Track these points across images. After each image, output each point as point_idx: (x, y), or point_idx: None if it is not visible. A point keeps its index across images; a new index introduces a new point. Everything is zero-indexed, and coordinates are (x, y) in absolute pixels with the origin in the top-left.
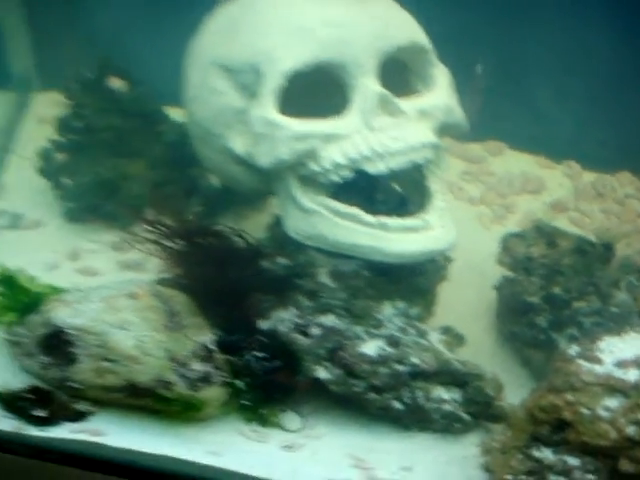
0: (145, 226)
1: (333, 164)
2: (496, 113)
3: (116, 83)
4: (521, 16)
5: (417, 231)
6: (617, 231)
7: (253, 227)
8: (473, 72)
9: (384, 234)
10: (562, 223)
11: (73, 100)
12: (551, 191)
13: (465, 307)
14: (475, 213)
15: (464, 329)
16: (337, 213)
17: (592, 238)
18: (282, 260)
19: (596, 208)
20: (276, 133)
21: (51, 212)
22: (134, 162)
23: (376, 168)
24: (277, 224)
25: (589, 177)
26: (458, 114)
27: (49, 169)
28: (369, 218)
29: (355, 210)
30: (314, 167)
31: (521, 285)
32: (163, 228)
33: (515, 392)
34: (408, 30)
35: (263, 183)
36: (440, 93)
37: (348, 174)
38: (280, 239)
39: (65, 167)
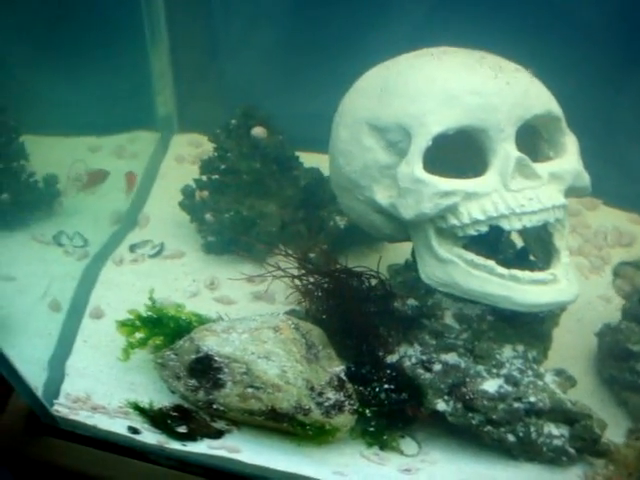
0: (281, 261)
1: (472, 220)
2: (592, 171)
3: (257, 131)
4: (612, 79)
5: (546, 284)
6: None
7: (373, 265)
8: None
9: (515, 285)
10: None
11: (218, 144)
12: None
13: (567, 351)
14: (574, 263)
15: (568, 371)
16: (472, 264)
17: None
18: (412, 302)
19: None
20: (422, 189)
21: (191, 244)
22: (269, 202)
23: (511, 225)
24: (408, 268)
25: None
26: (585, 178)
27: (191, 205)
28: (502, 270)
29: (489, 262)
30: (454, 221)
31: (624, 333)
32: (301, 263)
33: (612, 430)
34: (544, 100)
35: (400, 231)
36: (570, 159)
37: (484, 229)
38: (410, 282)
39: (207, 204)
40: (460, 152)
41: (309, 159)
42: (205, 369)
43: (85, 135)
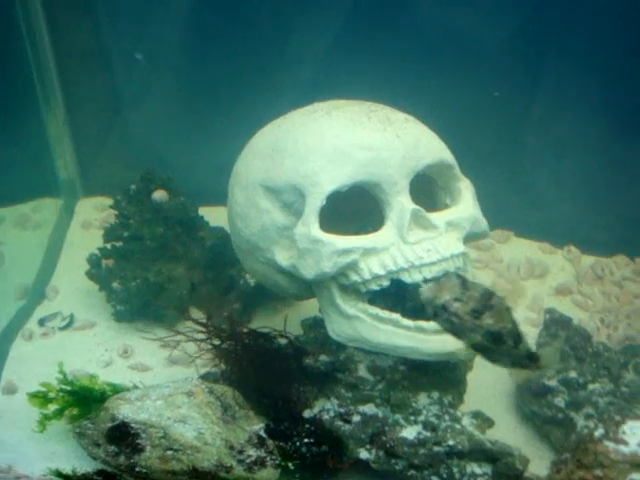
0: (191, 325)
1: (373, 275)
2: (501, 203)
3: (158, 194)
4: (522, 110)
5: None
6: (618, 312)
7: (285, 319)
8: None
9: (422, 336)
10: (567, 306)
11: (119, 211)
12: (555, 275)
13: (487, 391)
14: None
15: (488, 410)
16: (377, 318)
17: (596, 321)
18: (323, 357)
19: (597, 290)
20: (320, 249)
21: (101, 313)
22: (177, 265)
23: (412, 278)
24: (317, 324)
25: (588, 260)
26: (482, 223)
27: (98, 274)
28: (407, 322)
29: (394, 315)
30: (355, 278)
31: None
32: (211, 328)
33: (537, 464)
34: (435, 149)
35: (305, 290)
36: (466, 205)
37: (386, 283)
38: (321, 338)
39: (113, 272)
40: (361, 204)
41: (217, 214)
42: (123, 436)
43: None
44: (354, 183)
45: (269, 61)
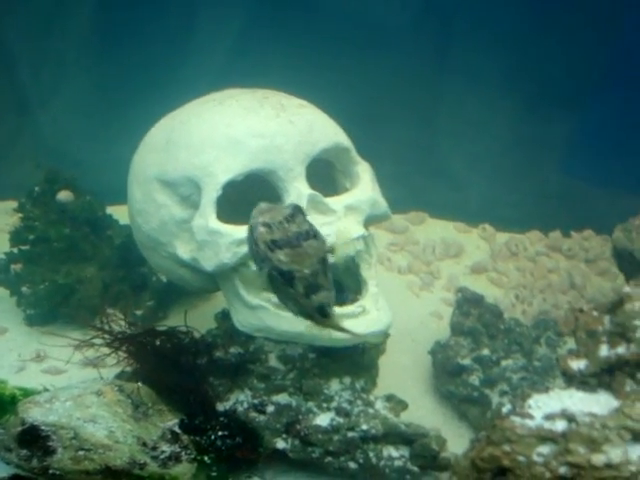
0: (102, 326)
1: None
2: (416, 185)
3: (63, 195)
4: (432, 91)
5: (356, 317)
6: (532, 287)
7: (202, 315)
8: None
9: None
10: (483, 284)
11: (24, 214)
12: (470, 254)
13: (404, 373)
14: (405, 282)
15: (406, 393)
16: (280, 306)
17: (511, 298)
18: (234, 349)
19: (512, 267)
20: (218, 240)
21: (13, 318)
22: (87, 266)
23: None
24: (226, 317)
25: (503, 238)
26: (382, 205)
27: (7, 279)
28: None
29: None
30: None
31: (453, 349)
32: (118, 329)
33: (456, 442)
34: (330, 132)
35: (210, 283)
36: (365, 188)
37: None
38: (230, 330)
39: (22, 277)
40: (261, 192)
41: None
42: (34, 439)
43: None
44: (249, 171)
45: (172, 57)
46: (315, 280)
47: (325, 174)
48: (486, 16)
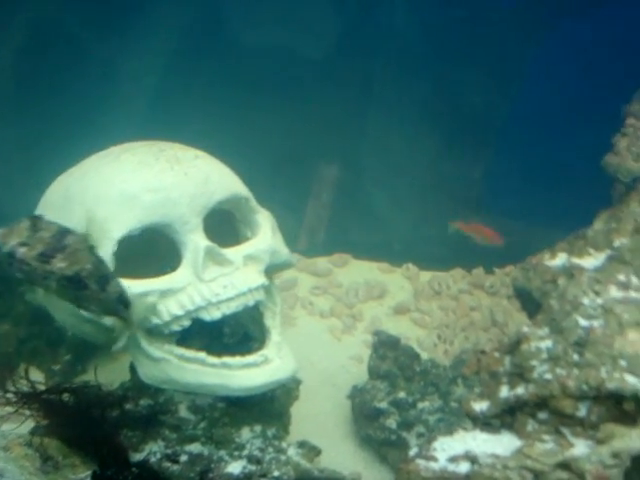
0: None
1: (172, 316)
2: (339, 226)
3: None
4: (352, 131)
5: (258, 366)
6: (455, 326)
7: (122, 367)
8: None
9: (228, 372)
10: (406, 324)
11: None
12: (393, 294)
13: (324, 418)
14: (327, 326)
15: (327, 438)
16: (184, 358)
17: (434, 338)
18: (144, 401)
19: (435, 306)
20: None
21: None
22: (4, 323)
23: (211, 315)
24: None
25: (426, 276)
26: (283, 253)
27: None
28: (213, 359)
29: (200, 354)
30: (156, 320)
31: (370, 393)
32: (25, 388)
33: None
34: (227, 183)
35: (114, 337)
36: (264, 237)
37: (187, 323)
38: (139, 382)
39: None
40: (161, 244)
41: None
42: None
43: None
44: (144, 226)
45: (89, 107)
46: (100, 271)
47: (226, 224)
48: (406, 53)
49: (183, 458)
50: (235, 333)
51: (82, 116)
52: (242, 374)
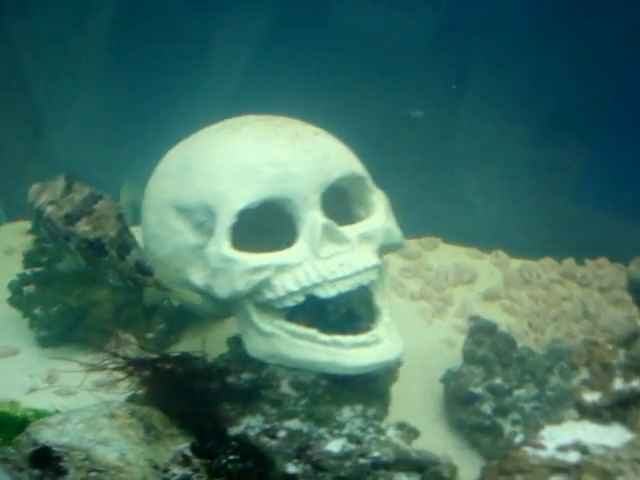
0: (115, 351)
1: (287, 291)
2: (429, 210)
3: None
4: (446, 115)
5: (368, 346)
6: (545, 315)
7: (215, 339)
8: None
9: (339, 350)
10: (495, 311)
11: (36, 235)
12: (483, 280)
13: (414, 400)
14: (417, 308)
15: (416, 420)
16: (294, 334)
17: (524, 326)
18: (246, 375)
19: (525, 294)
20: (232, 268)
21: (25, 339)
22: (100, 288)
23: (326, 293)
24: (238, 342)
25: (516, 264)
26: (396, 234)
27: (20, 300)
28: (324, 337)
29: (311, 331)
30: (269, 295)
31: (465, 377)
32: (131, 354)
33: (467, 471)
34: (345, 161)
35: (222, 309)
36: (379, 217)
37: (301, 299)
38: (242, 355)
39: (34, 298)
40: (275, 219)
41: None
42: (45, 460)
43: None
44: (264, 200)
45: (186, 81)
46: (123, 240)
47: (340, 203)
48: (503, 38)
49: (281, 434)
50: (337, 311)
51: (177, 89)
52: (353, 353)
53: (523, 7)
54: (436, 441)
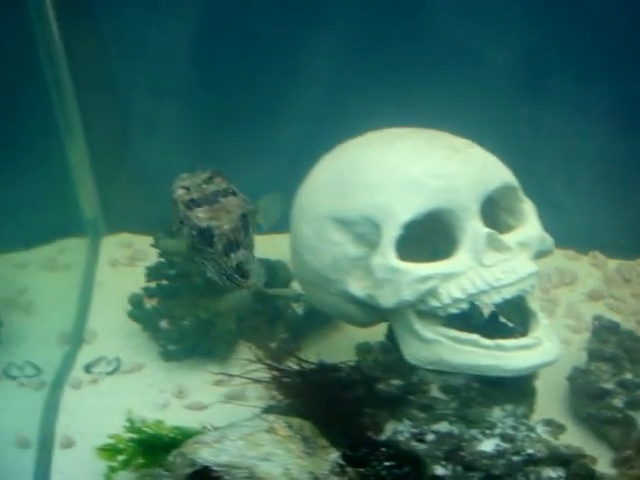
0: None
1: (452, 299)
2: None
3: None
4: (519, 115)
5: (531, 348)
6: None
7: (333, 345)
8: None
9: (502, 354)
10: (601, 310)
11: (161, 249)
12: (583, 281)
13: (540, 397)
14: None
15: (543, 415)
16: (457, 340)
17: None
18: (396, 382)
19: (627, 293)
20: (400, 278)
21: (148, 353)
22: (223, 300)
23: (492, 299)
24: (385, 350)
25: (613, 264)
26: (549, 241)
27: (141, 314)
28: (487, 342)
29: (474, 336)
30: (434, 303)
31: (595, 374)
32: (271, 363)
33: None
34: (501, 172)
35: (375, 317)
36: (533, 225)
37: (465, 306)
38: (385, 362)
39: (160, 311)
40: (426, 229)
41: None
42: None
43: (7, 252)
44: (429, 211)
45: (282, 87)
46: (235, 237)
47: (487, 211)
48: (590, 44)
49: (430, 437)
50: (480, 314)
51: (264, 104)
52: (517, 355)
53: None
54: (566, 435)
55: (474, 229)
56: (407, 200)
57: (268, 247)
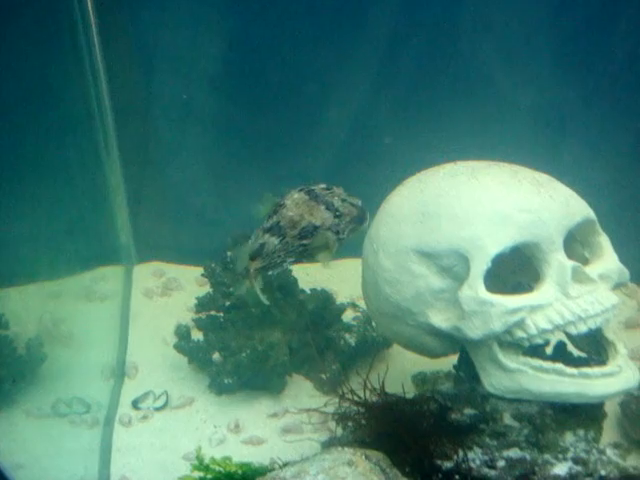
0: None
1: (539, 330)
2: None
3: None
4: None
5: (613, 375)
6: None
7: (379, 374)
8: None
9: (586, 381)
10: (639, 338)
11: (215, 279)
12: (619, 310)
13: None
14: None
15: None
16: (540, 369)
17: None
18: (469, 411)
19: None
20: (489, 310)
21: (196, 387)
22: (274, 331)
23: (578, 330)
24: (456, 380)
25: None
26: (626, 273)
27: (187, 346)
28: (571, 370)
29: (557, 365)
30: (520, 334)
31: None
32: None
33: None
34: (582, 207)
35: (452, 348)
36: (611, 258)
37: (551, 337)
38: (463, 392)
39: (211, 344)
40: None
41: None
42: None
43: (41, 280)
44: (516, 245)
45: (312, 117)
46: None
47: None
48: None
49: (501, 463)
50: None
51: (297, 132)
52: (600, 383)
53: None
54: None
55: (560, 262)
56: (497, 233)
57: (303, 277)
